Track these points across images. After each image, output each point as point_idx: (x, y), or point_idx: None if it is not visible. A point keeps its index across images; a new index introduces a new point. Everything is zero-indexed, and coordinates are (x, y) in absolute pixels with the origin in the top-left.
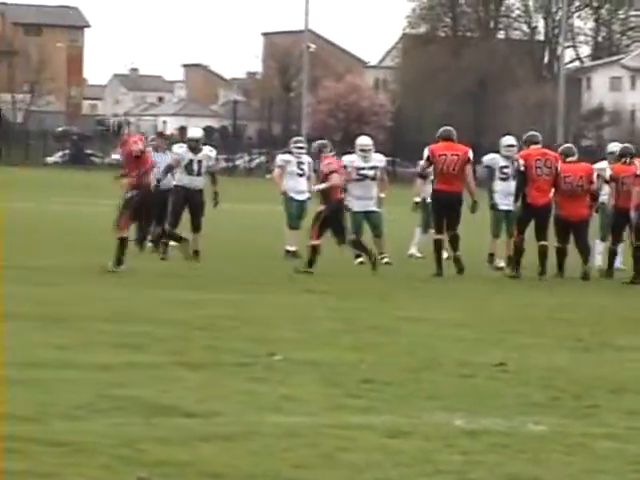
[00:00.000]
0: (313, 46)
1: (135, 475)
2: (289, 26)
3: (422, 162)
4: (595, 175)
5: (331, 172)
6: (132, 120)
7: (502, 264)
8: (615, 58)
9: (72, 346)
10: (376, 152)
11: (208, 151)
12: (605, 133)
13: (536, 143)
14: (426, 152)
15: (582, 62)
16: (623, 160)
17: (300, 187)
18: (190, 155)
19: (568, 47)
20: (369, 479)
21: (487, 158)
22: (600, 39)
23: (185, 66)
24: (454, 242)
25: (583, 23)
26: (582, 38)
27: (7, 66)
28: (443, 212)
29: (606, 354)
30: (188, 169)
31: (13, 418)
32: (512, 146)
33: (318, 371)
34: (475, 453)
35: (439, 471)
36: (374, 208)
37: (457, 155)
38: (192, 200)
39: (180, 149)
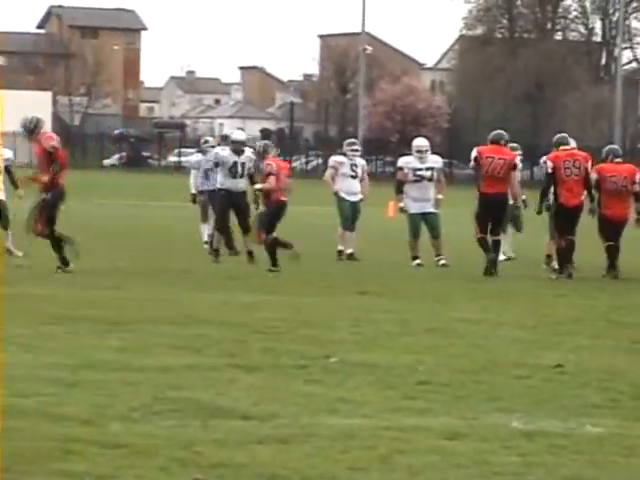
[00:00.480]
0: (369, 48)
1: (192, 477)
2: (345, 28)
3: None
4: (638, 176)
5: (269, 174)
6: (189, 122)
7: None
8: None
9: (130, 348)
10: (433, 153)
11: (250, 153)
12: None
13: (565, 144)
14: (474, 153)
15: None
16: None
17: (353, 189)
18: (234, 157)
19: (625, 48)
20: None
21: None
22: None
23: (242, 68)
24: (496, 247)
25: None
26: (639, 39)
27: (64, 69)
28: (488, 214)
29: None
30: (232, 172)
31: (71, 420)
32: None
33: (374, 373)
34: (532, 455)
35: (496, 473)
36: (431, 209)
37: (504, 159)
38: (237, 202)
39: (224, 152)
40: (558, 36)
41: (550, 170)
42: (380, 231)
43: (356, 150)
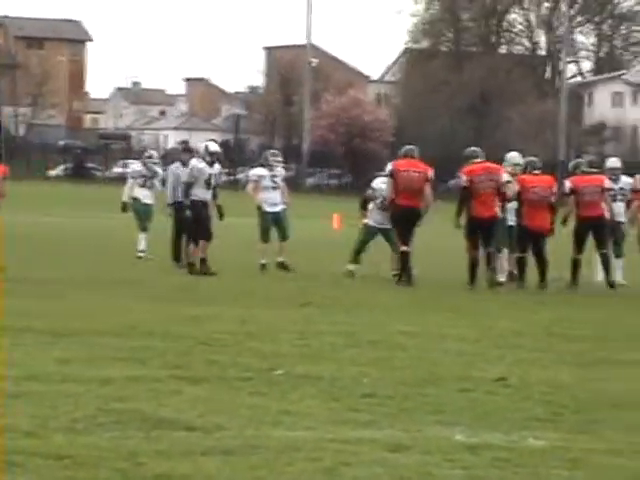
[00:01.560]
0: (315, 60)
1: None
2: (291, 40)
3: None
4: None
5: None
6: (134, 134)
7: (502, 279)
8: (617, 73)
9: (73, 360)
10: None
11: (218, 165)
12: (607, 148)
13: (476, 158)
14: (389, 167)
15: (584, 77)
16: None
17: (274, 200)
18: (210, 169)
19: (570, 62)
20: None
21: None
22: (602, 54)
23: (187, 80)
24: (404, 258)
25: (585, 38)
26: (584, 53)
27: (9, 79)
28: (403, 226)
29: (607, 369)
30: (207, 183)
31: (14, 431)
32: (518, 165)
33: (319, 385)
34: (476, 468)
35: None
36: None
37: (419, 172)
38: (208, 213)
39: (200, 164)
40: (503, 50)
41: (465, 183)
42: (324, 243)
43: (279, 161)
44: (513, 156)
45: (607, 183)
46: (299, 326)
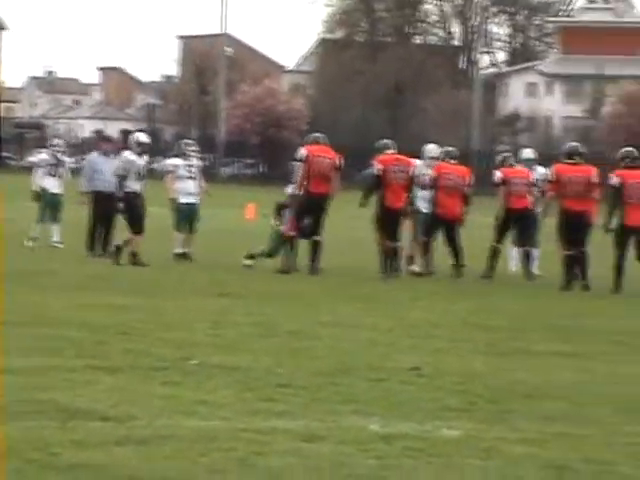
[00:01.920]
0: (230, 50)
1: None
2: (206, 30)
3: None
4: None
5: None
6: (49, 123)
7: (417, 269)
8: (531, 64)
9: None
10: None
11: (146, 157)
12: (521, 139)
13: (388, 149)
14: (303, 152)
15: (498, 68)
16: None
17: (190, 190)
18: (141, 161)
19: (484, 53)
20: None
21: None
22: (516, 45)
23: (102, 69)
24: (315, 248)
25: (499, 29)
26: (498, 44)
27: None
28: (313, 213)
29: (521, 359)
30: (140, 175)
31: None
32: (434, 158)
33: (234, 375)
34: (390, 457)
35: (353, 475)
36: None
37: (330, 159)
38: (142, 205)
39: (132, 156)
40: (417, 40)
41: (379, 172)
42: (239, 233)
43: (194, 151)
44: (430, 149)
45: (532, 176)
46: (214, 316)
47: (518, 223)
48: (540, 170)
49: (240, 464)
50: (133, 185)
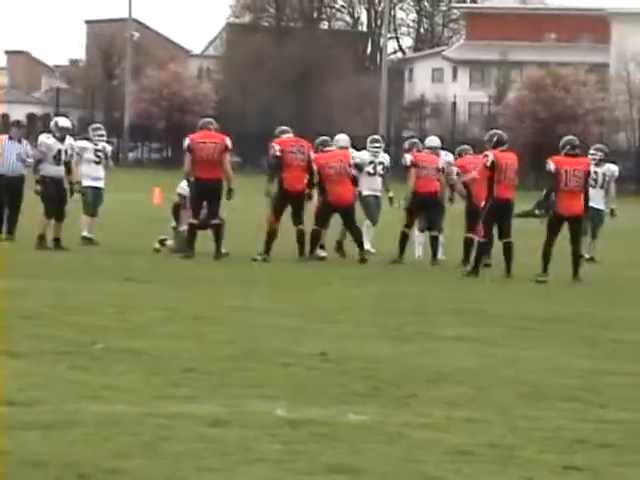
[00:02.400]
0: (137, 34)
1: None
2: (112, 14)
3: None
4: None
5: None
6: None
7: (324, 254)
8: (437, 50)
9: None
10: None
11: (71, 140)
12: (427, 124)
13: (287, 133)
14: (186, 141)
15: (404, 53)
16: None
17: (97, 174)
18: (59, 145)
19: (390, 38)
20: (189, 468)
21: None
22: (422, 31)
23: (7, 53)
24: (215, 232)
25: (405, 14)
26: (404, 29)
27: None
28: (203, 199)
29: (426, 344)
30: (56, 159)
31: None
32: (377, 141)
33: (139, 360)
34: (295, 442)
35: (259, 460)
36: None
37: (215, 142)
38: (60, 190)
39: (48, 139)
40: (324, 25)
41: (279, 153)
42: (145, 217)
43: (102, 135)
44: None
45: (441, 163)
46: (120, 300)
47: (425, 208)
48: (444, 157)
49: (145, 449)
50: (48, 169)
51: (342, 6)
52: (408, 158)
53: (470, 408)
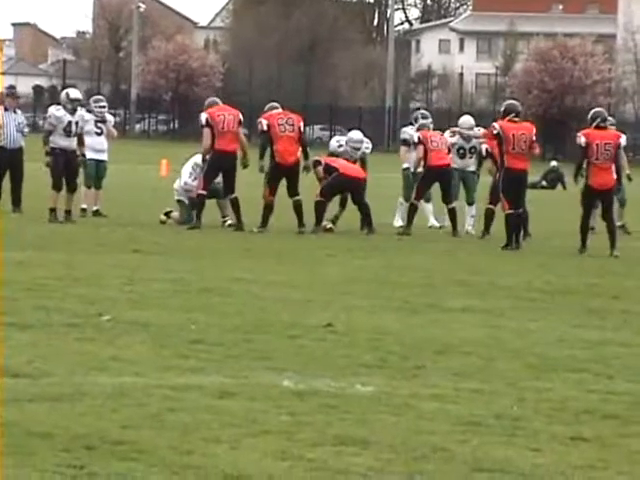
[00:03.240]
0: (143, 6)
1: None
2: None
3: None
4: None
5: None
6: None
7: (330, 225)
8: (444, 21)
9: None
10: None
11: (82, 112)
12: (434, 95)
13: (276, 109)
14: (204, 115)
15: (411, 25)
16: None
17: (99, 146)
18: (69, 117)
19: (397, 9)
20: (197, 439)
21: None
22: (429, 2)
23: (14, 25)
24: (233, 205)
25: None
26: (411, 1)
27: None
28: (225, 171)
29: (433, 315)
30: (67, 131)
31: None
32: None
33: (147, 332)
34: (303, 414)
35: (267, 431)
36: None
37: (233, 115)
38: (71, 162)
39: (58, 112)
40: None
41: (266, 128)
42: (152, 189)
43: (103, 107)
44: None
45: (451, 139)
46: (127, 272)
47: (438, 180)
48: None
49: (153, 420)
50: (59, 141)
51: None
52: (416, 136)
53: (478, 379)
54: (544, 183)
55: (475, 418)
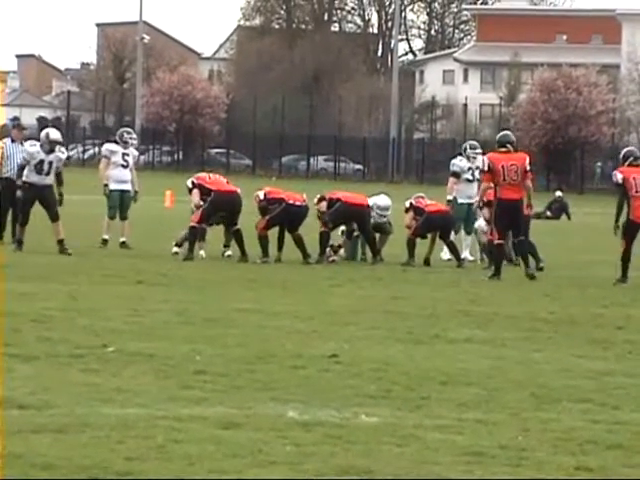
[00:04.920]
0: (147, 37)
1: None
2: (123, 17)
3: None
4: None
5: None
6: None
7: (334, 257)
8: (448, 51)
9: None
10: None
11: (60, 153)
12: (438, 126)
13: None
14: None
15: (415, 55)
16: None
17: (123, 177)
18: (42, 155)
19: (401, 40)
20: (202, 471)
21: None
22: (433, 32)
23: (18, 56)
24: (239, 235)
25: (416, 16)
26: (415, 31)
27: None
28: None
29: (437, 346)
30: (37, 169)
31: None
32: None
33: (151, 363)
34: (308, 444)
35: (272, 462)
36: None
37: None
38: (42, 195)
39: (32, 148)
40: (335, 27)
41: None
42: (157, 220)
43: (134, 139)
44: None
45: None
46: (131, 303)
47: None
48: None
49: (158, 452)
50: (30, 176)
51: (353, 8)
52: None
53: (482, 410)
54: (548, 213)
55: (479, 449)
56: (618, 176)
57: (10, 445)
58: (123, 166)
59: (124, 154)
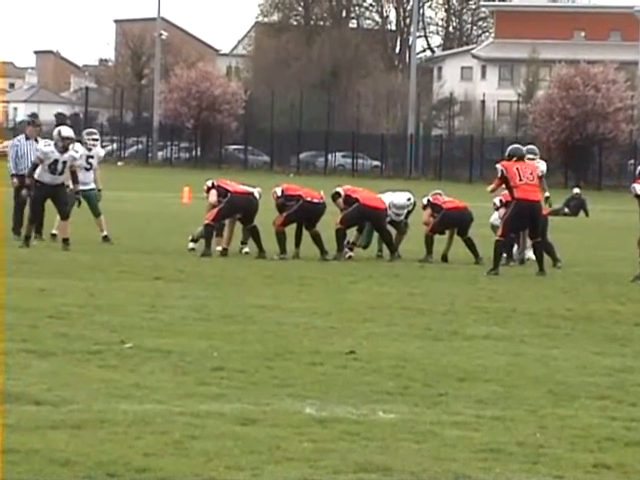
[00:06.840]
0: (165, 34)
1: None
2: (141, 13)
3: None
4: None
5: None
6: None
7: (351, 253)
8: (466, 48)
9: None
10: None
11: (73, 152)
12: (456, 122)
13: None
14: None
15: (433, 52)
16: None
17: (84, 179)
18: (56, 155)
19: (419, 37)
20: (219, 466)
21: None
22: (451, 29)
23: (37, 53)
24: (256, 232)
25: (434, 13)
26: (433, 28)
27: None
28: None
29: (455, 343)
30: (51, 168)
31: None
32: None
33: (169, 359)
34: (325, 441)
35: (289, 458)
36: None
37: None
38: (53, 193)
39: (47, 147)
40: (353, 24)
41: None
42: (175, 217)
43: (96, 140)
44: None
45: None
46: (149, 299)
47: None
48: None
49: (175, 447)
50: (43, 175)
51: (371, 4)
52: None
53: (500, 407)
54: (566, 210)
55: (497, 445)
56: (637, 188)
57: (28, 441)
58: (86, 169)
59: (88, 157)
